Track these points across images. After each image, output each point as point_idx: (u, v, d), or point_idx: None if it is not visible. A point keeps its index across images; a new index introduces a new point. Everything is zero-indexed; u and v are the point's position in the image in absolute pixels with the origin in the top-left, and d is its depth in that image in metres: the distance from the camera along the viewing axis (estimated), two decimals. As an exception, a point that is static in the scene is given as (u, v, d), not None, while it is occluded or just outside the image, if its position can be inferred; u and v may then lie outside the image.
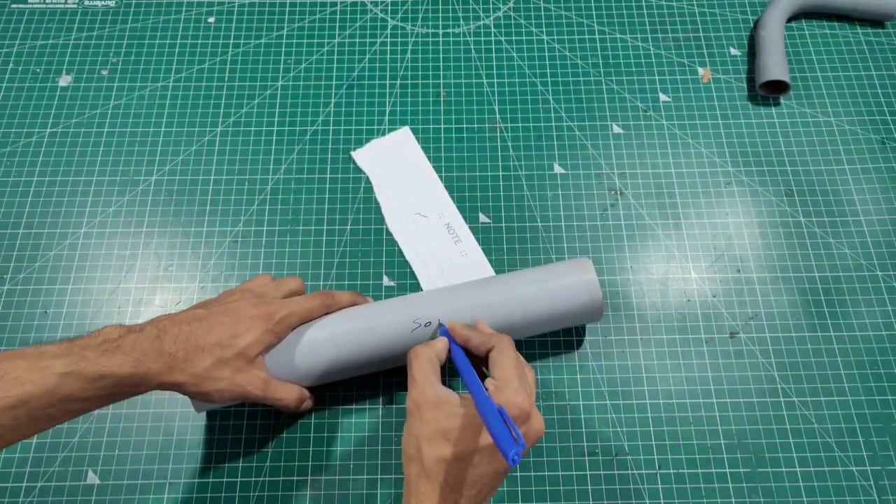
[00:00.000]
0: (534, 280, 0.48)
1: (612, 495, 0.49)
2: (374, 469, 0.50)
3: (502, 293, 0.48)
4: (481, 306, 0.47)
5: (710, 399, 0.52)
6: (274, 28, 0.68)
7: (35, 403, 0.34)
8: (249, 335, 0.42)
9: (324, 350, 0.46)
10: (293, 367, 0.45)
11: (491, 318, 0.46)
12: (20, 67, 0.66)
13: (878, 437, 0.51)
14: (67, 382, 0.34)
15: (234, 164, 0.61)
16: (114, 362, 0.36)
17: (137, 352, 0.37)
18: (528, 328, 0.49)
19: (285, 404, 0.45)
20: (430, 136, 0.62)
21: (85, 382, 0.35)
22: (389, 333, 0.46)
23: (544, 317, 0.48)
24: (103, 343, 0.37)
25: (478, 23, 0.69)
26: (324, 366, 0.46)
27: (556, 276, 0.48)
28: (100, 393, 0.36)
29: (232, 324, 0.42)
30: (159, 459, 0.50)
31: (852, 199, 0.60)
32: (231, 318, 0.42)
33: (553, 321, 0.49)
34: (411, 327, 0.46)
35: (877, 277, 0.57)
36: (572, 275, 0.48)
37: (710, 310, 0.55)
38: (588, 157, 0.62)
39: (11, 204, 0.59)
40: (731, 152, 0.62)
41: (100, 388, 0.36)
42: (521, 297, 0.47)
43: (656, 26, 0.69)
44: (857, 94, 0.65)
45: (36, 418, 0.35)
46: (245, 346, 0.41)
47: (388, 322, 0.46)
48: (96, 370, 0.35)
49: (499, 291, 0.48)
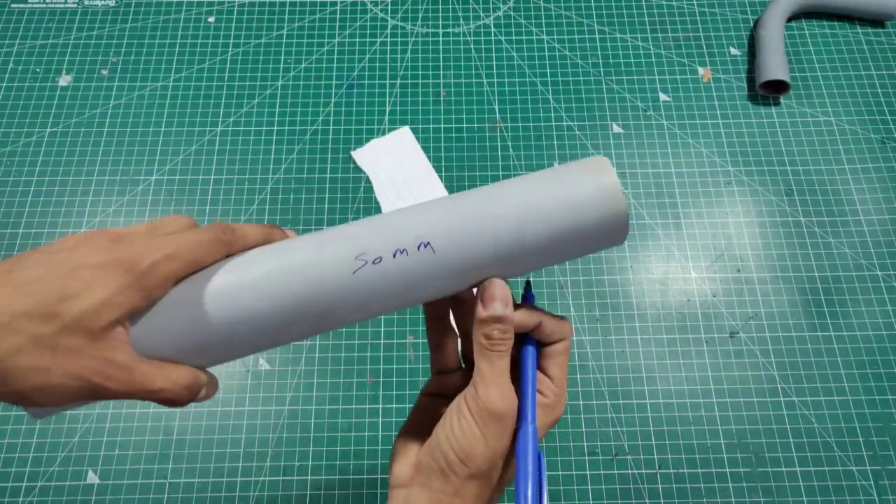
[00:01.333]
0: (528, 188, 0.31)
1: (612, 495, 0.49)
2: (374, 469, 0.50)
3: (484, 208, 0.30)
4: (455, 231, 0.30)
5: (710, 399, 0.52)
6: (274, 28, 0.68)
7: None
8: (91, 294, 0.25)
9: (228, 307, 0.29)
10: (181, 338, 0.29)
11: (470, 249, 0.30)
12: (20, 67, 0.66)
13: (878, 437, 0.51)
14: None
15: (234, 164, 0.61)
16: None
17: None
18: (520, 259, 0.31)
19: (166, 396, 0.28)
20: (430, 135, 0.62)
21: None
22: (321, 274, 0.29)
23: (544, 240, 0.30)
24: None
25: (478, 22, 0.69)
26: (228, 330, 0.29)
27: (560, 181, 0.31)
28: None
29: (58, 280, 0.25)
30: (159, 459, 0.50)
31: (852, 198, 0.60)
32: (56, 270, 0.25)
33: (560, 244, 0.31)
34: (353, 266, 0.29)
35: (877, 277, 0.57)
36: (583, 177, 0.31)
37: (710, 309, 0.55)
38: (588, 156, 0.62)
39: (11, 203, 0.59)
40: (731, 152, 0.62)
41: None
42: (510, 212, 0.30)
43: (656, 26, 0.69)
44: (856, 93, 0.65)
45: None
46: (82, 311, 0.25)
47: (321, 259, 0.29)
48: None
49: (478, 206, 0.31)
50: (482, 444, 0.28)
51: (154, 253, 0.27)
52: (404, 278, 0.30)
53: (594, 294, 0.56)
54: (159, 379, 0.27)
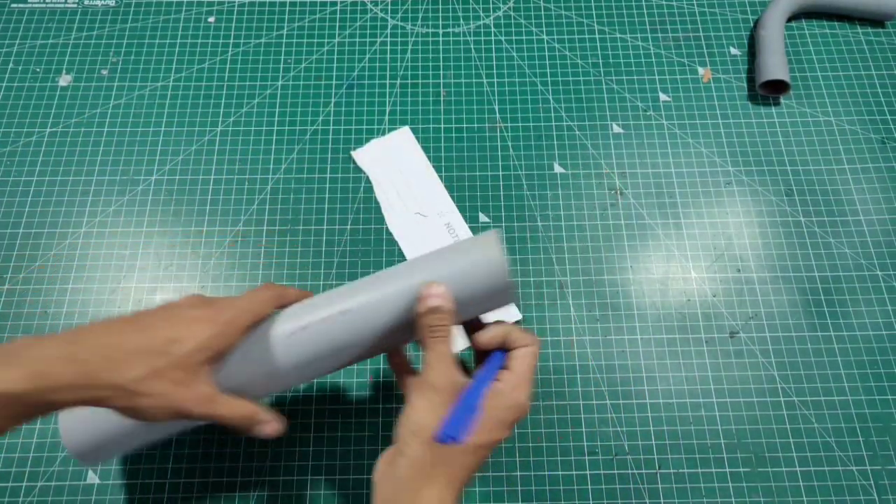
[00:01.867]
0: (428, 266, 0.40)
1: (612, 495, 0.49)
2: (373, 469, 0.50)
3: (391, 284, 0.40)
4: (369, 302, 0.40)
5: (710, 399, 0.52)
6: (274, 28, 0.68)
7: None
8: (192, 340, 0.35)
9: (290, 347, 0.39)
10: (249, 376, 0.38)
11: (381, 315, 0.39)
12: (20, 67, 0.66)
13: (878, 437, 0.51)
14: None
15: (234, 164, 0.61)
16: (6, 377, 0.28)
17: (40, 363, 0.30)
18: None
19: (231, 423, 0.37)
20: (430, 135, 0.62)
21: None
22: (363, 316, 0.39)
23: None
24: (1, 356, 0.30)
25: (478, 22, 0.69)
26: (288, 366, 0.39)
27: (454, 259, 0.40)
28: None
29: (170, 326, 0.35)
30: (159, 459, 0.50)
31: (852, 198, 0.60)
32: (168, 319, 0.35)
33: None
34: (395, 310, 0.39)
35: (877, 277, 0.57)
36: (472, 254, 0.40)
37: (710, 309, 0.55)
38: (588, 156, 0.62)
39: (11, 203, 0.59)
40: (731, 152, 0.62)
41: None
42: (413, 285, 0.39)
43: (656, 26, 0.69)
44: (857, 93, 0.65)
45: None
46: (186, 353, 0.34)
47: (360, 305, 0.39)
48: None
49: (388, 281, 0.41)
50: (428, 415, 0.36)
51: (230, 309, 0.37)
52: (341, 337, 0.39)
53: (594, 294, 0.56)
54: (226, 408, 0.36)
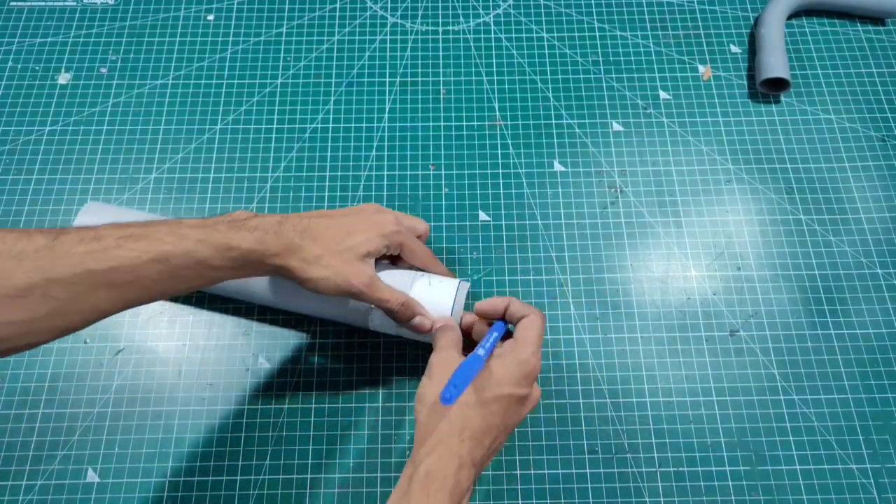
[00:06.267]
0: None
1: (612, 493, 0.49)
2: (373, 467, 0.50)
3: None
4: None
5: (710, 397, 0.52)
6: (273, 26, 0.68)
7: (174, 262, 0.37)
8: (362, 235, 0.44)
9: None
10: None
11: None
12: (19, 65, 0.66)
13: (878, 435, 0.51)
14: (201, 248, 0.38)
15: (233, 162, 0.61)
16: (239, 236, 0.39)
17: (259, 231, 0.40)
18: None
19: (388, 307, 0.46)
20: (430, 133, 0.62)
21: (215, 251, 0.39)
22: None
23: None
24: (232, 221, 0.40)
25: (477, 20, 0.69)
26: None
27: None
28: (228, 264, 0.40)
29: (350, 224, 0.45)
30: (159, 458, 0.50)
31: (852, 196, 0.60)
32: (351, 220, 0.45)
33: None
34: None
35: (877, 275, 0.56)
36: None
37: (710, 308, 0.55)
38: (588, 154, 0.62)
39: (11, 202, 0.59)
40: (731, 150, 0.62)
41: (227, 259, 0.39)
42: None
43: (657, 24, 0.69)
44: (857, 91, 0.65)
45: (176, 276, 0.38)
46: (355, 243, 0.44)
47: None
48: (225, 241, 0.39)
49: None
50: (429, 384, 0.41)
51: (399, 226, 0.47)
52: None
53: (594, 293, 0.56)
54: (386, 293, 0.45)
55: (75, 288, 0.35)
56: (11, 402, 0.51)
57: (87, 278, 0.35)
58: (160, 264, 0.37)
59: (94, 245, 0.36)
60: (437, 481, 0.37)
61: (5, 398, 0.52)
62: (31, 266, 0.34)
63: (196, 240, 0.38)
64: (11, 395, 0.52)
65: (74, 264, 0.35)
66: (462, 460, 0.38)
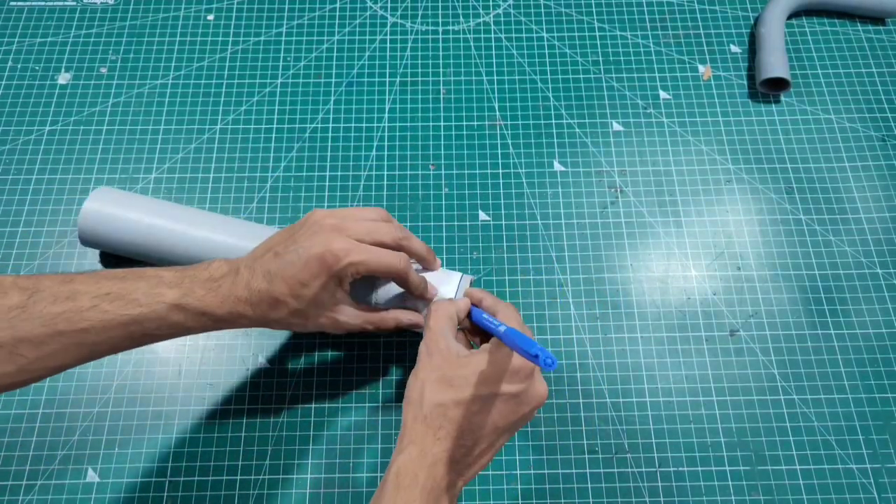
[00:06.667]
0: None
1: (612, 493, 0.49)
2: (373, 467, 0.50)
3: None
4: None
5: (710, 397, 0.52)
6: (273, 25, 0.68)
7: (147, 324, 0.38)
8: (316, 282, 0.41)
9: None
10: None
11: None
12: (19, 65, 0.66)
13: (878, 435, 0.51)
14: (175, 313, 0.38)
15: (233, 162, 0.61)
16: (214, 303, 0.39)
17: (231, 298, 0.40)
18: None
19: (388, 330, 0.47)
20: (430, 133, 0.62)
21: (189, 317, 0.39)
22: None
23: None
24: (208, 281, 0.40)
25: (477, 20, 0.69)
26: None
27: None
28: (201, 325, 0.40)
29: (297, 271, 0.40)
30: (159, 458, 0.50)
31: (853, 196, 0.60)
32: (300, 260, 0.40)
33: None
34: None
35: (877, 275, 0.56)
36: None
37: (710, 308, 0.55)
38: (588, 154, 0.62)
39: (11, 202, 0.59)
40: (731, 150, 0.62)
41: (201, 323, 0.39)
42: None
43: (657, 23, 0.69)
44: (857, 91, 0.65)
45: (147, 335, 0.39)
46: (315, 293, 0.41)
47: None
48: (200, 307, 0.39)
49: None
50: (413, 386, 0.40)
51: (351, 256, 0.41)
52: None
53: (594, 292, 0.56)
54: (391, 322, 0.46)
55: (44, 347, 0.35)
56: (11, 401, 0.51)
57: (57, 338, 0.36)
58: (132, 326, 0.37)
59: (69, 305, 0.36)
60: (407, 478, 0.36)
61: (5, 398, 0.52)
62: (2, 325, 0.34)
63: (171, 304, 0.38)
64: (11, 394, 0.52)
65: (46, 325, 0.35)
66: (436, 458, 0.37)
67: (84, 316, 0.36)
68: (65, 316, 0.36)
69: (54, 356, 0.36)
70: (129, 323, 0.37)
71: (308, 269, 0.40)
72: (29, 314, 0.35)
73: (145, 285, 0.38)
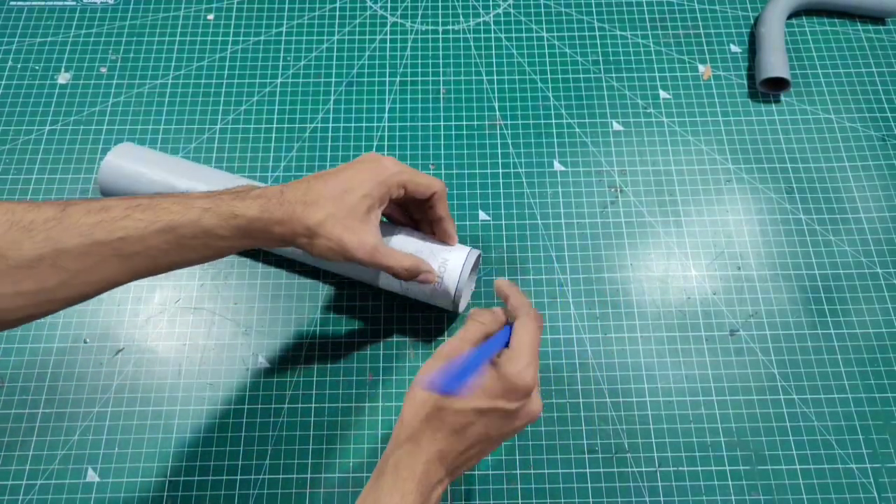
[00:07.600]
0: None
1: (611, 493, 0.49)
2: (373, 467, 0.50)
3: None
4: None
5: (710, 397, 0.52)
6: (273, 25, 0.68)
7: (181, 231, 0.38)
8: (360, 190, 0.43)
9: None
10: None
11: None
12: (19, 65, 0.66)
13: (878, 435, 0.51)
14: (207, 217, 0.39)
15: (233, 162, 0.61)
16: (244, 205, 0.40)
17: (263, 199, 0.41)
18: None
19: (393, 272, 0.46)
20: (430, 133, 0.62)
21: (221, 220, 0.39)
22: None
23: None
24: (236, 190, 0.41)
25: (477, 20, 0.69)
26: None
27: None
28: (234, 233, 0.40)
29: (348, 179, 0.43)
30: (159, 458, 0.50)
31: (853, 196, 0.60)
32: (349, 174, 0.44)
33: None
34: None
35: (877, 275, 0.56)
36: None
37: (710, 307, 0.55)
38: (588, 154, 0.62)
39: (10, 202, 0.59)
40: (731, 149, 0.62)
41: (233, 228, 0.40)
42: None
43: (656, 23, 0.69)
44: (857, 90, 0.65)
45: (183, 247, 0.39)
46: (355, 202, 0.43)
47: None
48: (230, 210, 0.39)
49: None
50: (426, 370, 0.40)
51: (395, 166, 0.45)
52: None
53: (594, 292, 0.56)
54: (391, 260, 0.45)
55: (84, 259, 0.36)
56: (11, 402, 0.51)
57: (95, 249, 0.36)
58: (167, 234, 0.38)
59: (102, 216, 0.36)
60: (406, 470, 0.37)
61: (5, 398, 0.52)
62: (40, 237, 0.34)
63: (202, 209, 0.39)
64: (11, 395, 0.52)
65: (83, 234, 0.35)
66: (431, 455, 0.38)
67: (119, 225, 0.36)
68: (101, 225, 0.36)
69: (95, 269, 0.36)
70: (164, 230, 0.37)
71: (357, 174, 0.43)
72: (65, 225, 0.35)
73: (174, 198, 0.39)
